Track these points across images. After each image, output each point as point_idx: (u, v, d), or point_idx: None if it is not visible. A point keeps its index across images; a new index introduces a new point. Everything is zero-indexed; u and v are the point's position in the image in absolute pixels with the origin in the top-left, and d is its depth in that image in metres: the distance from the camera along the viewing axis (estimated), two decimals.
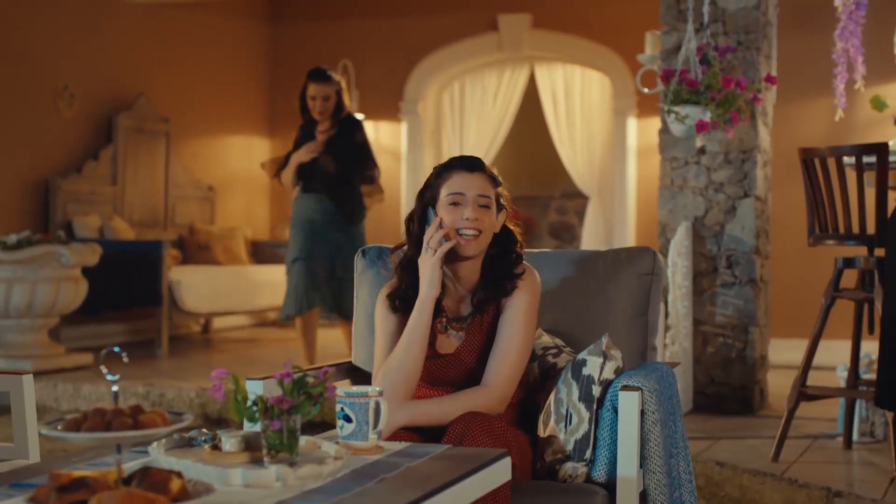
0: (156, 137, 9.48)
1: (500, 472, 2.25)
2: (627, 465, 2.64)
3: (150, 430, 1.92)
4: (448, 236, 2.76)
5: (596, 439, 2.70)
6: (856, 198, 4.61)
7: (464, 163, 2.84)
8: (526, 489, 2.60)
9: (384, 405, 2.33)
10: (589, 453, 2.69)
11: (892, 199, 4.60)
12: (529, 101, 10.80)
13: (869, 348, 5.05)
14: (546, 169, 11.86)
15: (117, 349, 2.07)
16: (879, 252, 4.62)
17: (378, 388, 2.34)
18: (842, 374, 5.21)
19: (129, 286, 8.19)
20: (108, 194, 9.02)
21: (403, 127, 10.41)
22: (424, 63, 10.34)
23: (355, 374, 3.24)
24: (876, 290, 4.55)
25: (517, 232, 2.91)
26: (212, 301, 8.85)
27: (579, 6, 9.85)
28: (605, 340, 2.75)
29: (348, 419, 2.29)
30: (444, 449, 2.31)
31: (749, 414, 5.86)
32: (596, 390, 2.70)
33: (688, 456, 2.84)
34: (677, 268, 5.81)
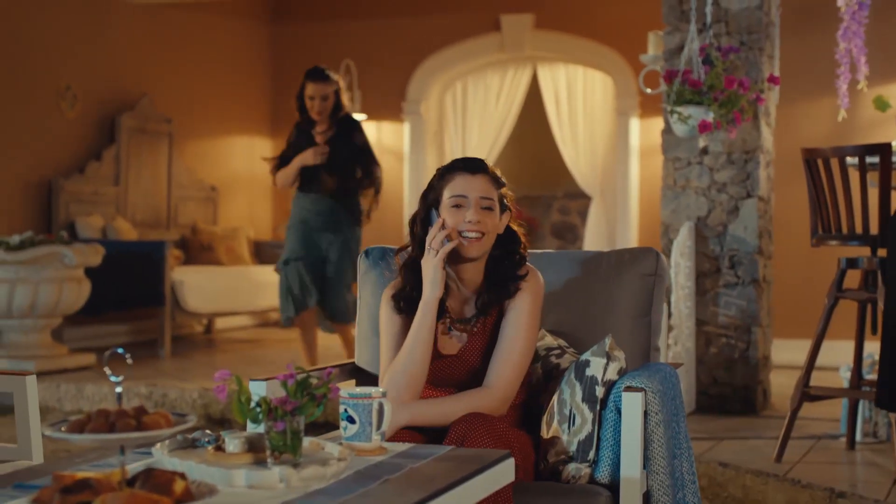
0: (158, 138, 9.49)
1: (504, 474, 2.25)
2: (631, 466, 2.64)
3: (154, 431, 1.92)
4: (450, 237, 2.76)
5: (599, 440, 2.70)
6: (859, 198, 4.61)
7: (466, 165, 2.84)
8: (529, 490, 2.60)
9: (387, 406, 2.33)
10: (592, 454, 2.69)
11: (895, 199, 4.59)
12: (532, 101, 10.80)
13: (872, 349, 5.04)
14: (549, 169, 11.86)
15: (121, 350, 2.07)
16: (882, 252, 4.62)
17: (381, 390, 2.34)
18: (845, 374, 5.20)
19: (132, 286, 8.19)
20: (111, 195, 9.03)
21: (406, 127, 10.41)
22: (427, 63, 10.34)
23: (359, 375, 3.24)
24: (879, 291, 4.55)
25: (521, 233, 2.90)
26: (214, 301, 8.85)
27: (582, 6, 9.84)
28: (608, 341, 2.74)
29: (352, 420, 2.29)
30: (448, 450, 2.30)
31: (752, 414, 5.86)
32: (599, 391, 2.70)
33: (691, 457, 2.83)
34: (680, 268, 5.81)
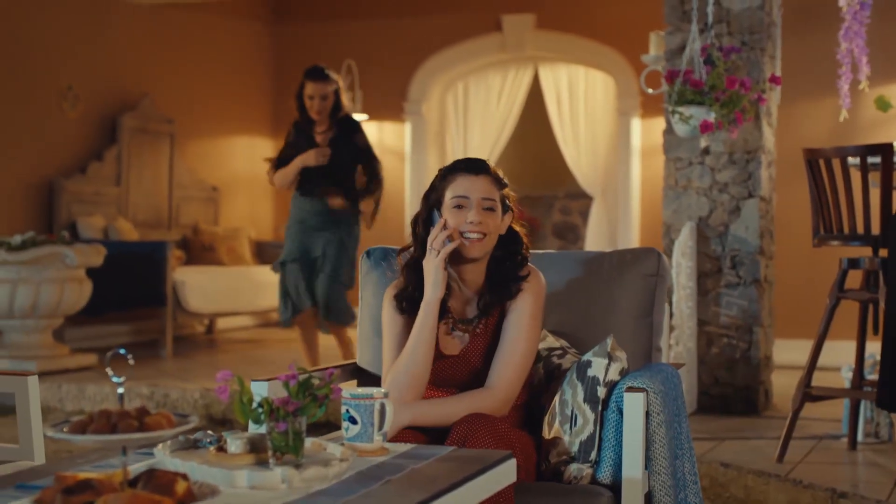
0: (160, 138, 9.49)
1: (505, 474, 2.25)
2: (633, 467, 2.64)
3: (156, 432, 1.92)
4: (452, 237, 2.76)
5: (601, 440, 2.70)
6: (860, 198, 4.61)
7: (468, 165, 2.84)
8: (531, 490, 2.60)
9: (389, 407, 2.33)
10: (594, 454, 2.69)
11: None
12: (533, 101, 10.79)
13: (874, 349, 5.04)
14: (550, 169, 11.86)
15: (123, 351, 2.07)
16: (884, 253, 4.61)
17: (383, 390, 2.34)
18: (846, 374, 5.20)
19: (134, 287, 8.19)
20: (113, 195, 9.03)
21: (407, 127, 10.41)
22: (428, 63, 10.34)
23: (361, 376, 3.24)
24: (880, 291, 4.55)
25: (523, 234, 2.90)
26: (216, 301, 8.86)
27: (583, 6, 9.84)
28: (609, 342, 2.74)
29: (353, 421, 2.29)
30: (450, 451, 2.30)
31: (754, 414, 5.86)
32: (601, 391, 2.69)
33: (693, 457, 2.83)
34: (681, 268, 5.81)
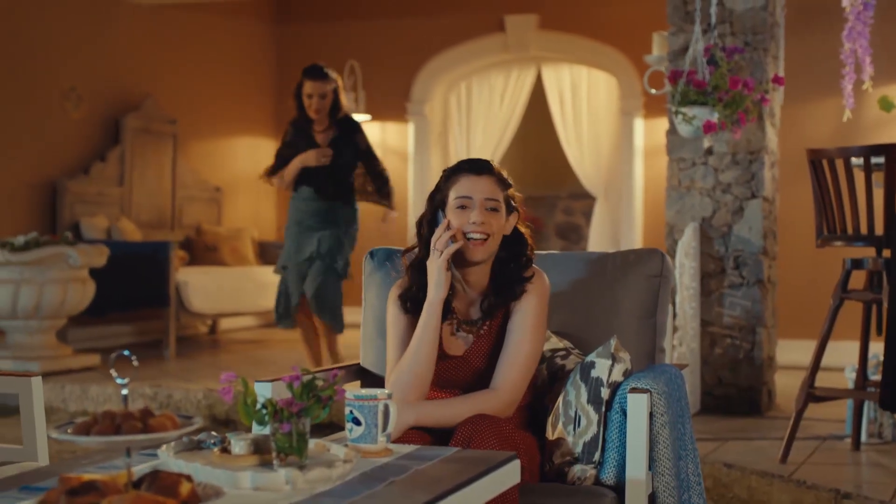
0: (163, 138, 9.49)
1: (510, 475, 2.25)
2: (636, 468, 2.64)
3: (160, 433, 1.92)
4: (455, 238, 2.76)
5: (604, 441, 2.70)
6: (864, 199, 4.60)
7: (471, 166, 2.83)
8: (534, 491, 2.60)
9: (393, 408, 2.33)
10: (597, 455, 2.69)
11: None
12: (536, 101, 10.79)
13: (877, 349, 5.04)
14: (553, 169, 11.85)
15: (127, 353, 2.07)
16: (887, 253, 4.61)
17: (387, 391, 2.34)
18: (850, 375, 5.20)
19: (137, 287, 8.19)
20: (116, 195, 9.04)
21: (410, 128, 10.41)
22: (431, 64, 10.34)
23: (364, 376, 3.24)
24: (884, 291, 4.54)
25: (528, 235, 2.89)
26: (219, 302, 8.86)
27: (586, 7, 9.84)
28: (613, 342, 2.74)
29: (357, 422, 2.29)
30: (454, 452, 2.30)
31: (757, 415, 5.85)
32: (605, 392, 2.69)
33: (696, 458, 2.83)
34: (685, 269, 5.80)
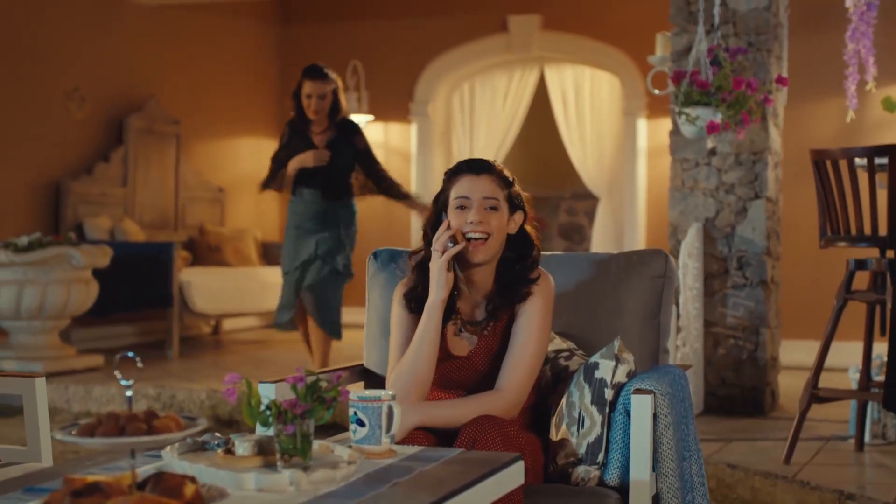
0: (166, 139, 9.50)
1: (514, 476, 2.25)
2: (640, 469, 2.64)
3: (164, 435, 1.92)
4: (456, 238, 2.76)
5: (608, 442, 2.70)
6: (867, 199, 4.60)
7: (470, 166, 2.84)
8: (538, 492, 2.60)
9: (397, 409, 2.33)
10: (601, 456, 2.69)
11: None
12: (539, 102, 10.79)
13: (881, 350, 5.04)
14: (556, 170, 11.85)
15: (131, 354, 2.07)
16: (891, 254, 4.61)
17: (391, 393, 2.34)
18: (854, 375, 5.20)
19: (140, 288, 8.20)
20: (119, 196, 9.04)
21: (413, 128, 10.41)
22: (434, 64, 10.34)
23: (368, 377, 3.24)
24: (888, 292, 4.54)
25: (535, 236, 2.89)
26: (222, 302, 8.86)
27: (589, 7, 9.84)
28: (617, 343, 2.74)
29: (361, 423, 2.29)
30: (458, 453, 2.30)
31: (760, 416, 5.85)
32: (608, 393, 2.69)
33: (700, 459, 2.83)
34: (688, 269, 5.80)
